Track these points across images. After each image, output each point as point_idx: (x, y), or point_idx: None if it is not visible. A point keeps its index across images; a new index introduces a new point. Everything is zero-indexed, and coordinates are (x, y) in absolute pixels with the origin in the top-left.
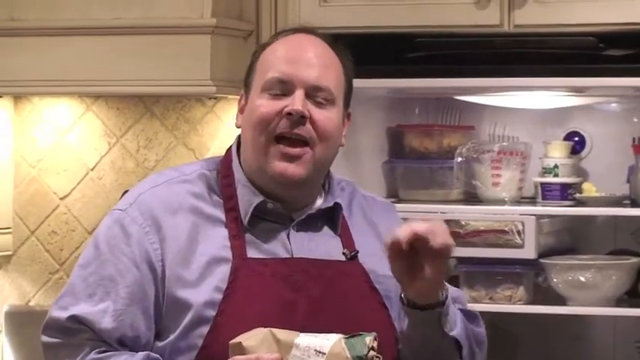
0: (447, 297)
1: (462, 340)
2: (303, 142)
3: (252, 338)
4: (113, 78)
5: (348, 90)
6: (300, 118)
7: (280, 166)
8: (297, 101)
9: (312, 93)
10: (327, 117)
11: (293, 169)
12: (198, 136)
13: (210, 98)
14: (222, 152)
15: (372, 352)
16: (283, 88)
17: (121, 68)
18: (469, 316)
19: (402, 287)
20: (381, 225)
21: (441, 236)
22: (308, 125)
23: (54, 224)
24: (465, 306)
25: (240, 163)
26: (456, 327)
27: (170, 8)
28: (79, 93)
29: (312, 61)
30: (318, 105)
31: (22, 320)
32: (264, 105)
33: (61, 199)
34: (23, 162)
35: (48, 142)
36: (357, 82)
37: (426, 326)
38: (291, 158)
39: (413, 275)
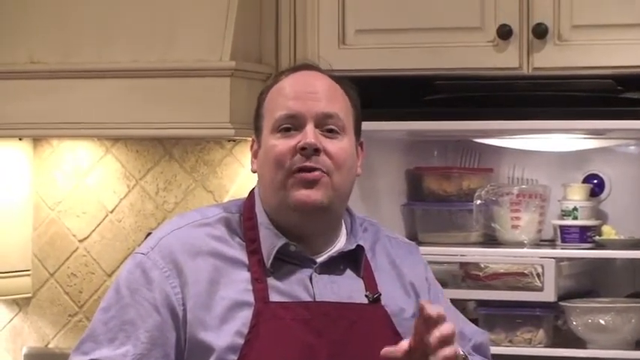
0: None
1: None
2: (320, 171)
3: None
4: (132, 120)
5: (357, 119)
6: (314, 151)
7: (299, 194)
8: (309, 134)
9: (322, 122)
10: (339, 147)
11: (313, 194)
12: (218, 179)
13: (229, 141)
14: (241, 195)
15: None
16: (293, 123)
17: (140, 111)
18: None
19: None
20: (404, 267)
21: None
22: (323, 156)
23: (73, 266)
24: (488, 350)
25: (262, 205)
26: None
27: (189, 51)
28: (98, 136)
29: (317, 92)
30: (330, 136)
31: None
32: (278, 144)
33: (80, 241)
34: (42, 204)
35: (67, 185)
36: (376, 125)
37: None
38: (309, 184)
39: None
